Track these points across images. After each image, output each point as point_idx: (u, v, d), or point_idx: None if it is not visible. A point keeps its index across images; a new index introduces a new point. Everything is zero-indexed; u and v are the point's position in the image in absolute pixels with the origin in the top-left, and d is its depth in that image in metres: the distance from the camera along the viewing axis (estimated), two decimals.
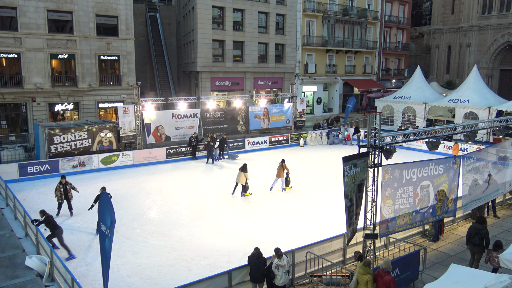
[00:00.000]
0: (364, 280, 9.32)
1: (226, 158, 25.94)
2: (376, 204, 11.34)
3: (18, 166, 20.54)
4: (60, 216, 15.34)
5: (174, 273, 11.52)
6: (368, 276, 9.30)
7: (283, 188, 19.40)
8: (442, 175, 12.48)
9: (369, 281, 9.29)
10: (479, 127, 14.19)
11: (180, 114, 26.46)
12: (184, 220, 15.70)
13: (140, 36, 40.98)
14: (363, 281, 9.33)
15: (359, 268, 9.47)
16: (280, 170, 18.90)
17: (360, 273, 9.39)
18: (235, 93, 36.61)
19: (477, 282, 7.50)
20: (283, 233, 14.38)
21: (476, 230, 11.43)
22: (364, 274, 9.34)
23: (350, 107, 36.19)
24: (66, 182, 15.23)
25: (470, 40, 49.85)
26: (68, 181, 15.39)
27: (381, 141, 11.00)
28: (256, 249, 10.07)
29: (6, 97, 26.86)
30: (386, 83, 50.19)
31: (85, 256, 12.54)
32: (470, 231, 11.57)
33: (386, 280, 9.15)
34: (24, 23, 26.73)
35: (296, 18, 40.34)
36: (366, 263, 9.47)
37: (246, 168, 18.25)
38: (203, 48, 35.11)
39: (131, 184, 20.18)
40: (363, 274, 9.35)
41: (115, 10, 29.83)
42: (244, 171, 18.15)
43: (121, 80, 30.87)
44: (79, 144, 22.68)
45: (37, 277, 10.56)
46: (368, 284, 9.29)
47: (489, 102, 29.41)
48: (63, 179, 15.22)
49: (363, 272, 9.36)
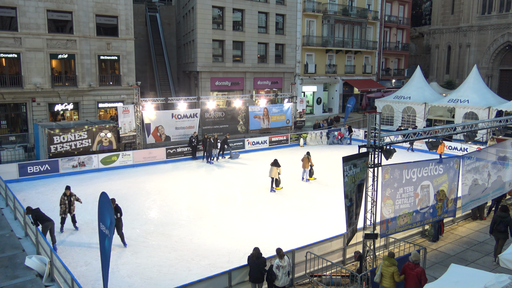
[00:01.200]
0: (390, 272, 9.29)
1: (228, 158, 25.98)
2: (376, 204, 11.33)
3: (18, 166, 20.54)
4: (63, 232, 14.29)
5: (174, 273, 11.52)
6: (394, 268, 9.31)
7: (307, 179, 20.79)
8: (442, 175, 12.48)
9: (395, 272, 9.29)
10: (479, 127, 14.19)
11: (180, 114, 26.46)
12: (184, 220, 15.70)
13: (140, 36, 40.99)
14: (389, 274, 9.30)
15: (384, 261, 9.46)
16: (306, 161, 20.44)
17: (386, 265, 9.36)
18: (235, 93, 36.61)
19: (477, 282, 7.49)
20: (283, 233, 14.38)
21: (501, 218, 12.29)
22: (390, 266, 9.33)
23: (350, 107, 36.20)
24: (70, 193, 14.23)
25: (470, 40, 49.85)
26: (72, 193, 14.38)
27: (381, 141, 11.00)
28: (255, 249, 10.06)
29: (6, 97, 26.85)
30: (386, 83, 50.19)
31: (84, 256, 12.54)
32: (495, 219, 12.45)
33: (417, 272, 9.21)
34: (24, 23, 26.73)
35: (296, 18, 40.33)
36: (391, 255, 9.52)
37: (278, 163, 18.97)
38: (203, 48, 35.11)
39: (131, 184, 20.17)
40: (388, 266, 9.34)
41: (115, 10, 29.83)
42: (276, 165, 18.86)
43: (121, 80, 30.87)
44: (79, 144, 22.68)
45: (37, 277, 10.55)
46: (394, 275, 9.28)
47: (489, 102, 29.41)
48: (67, 190, 14.17)
49: (388, 264, 9.35)
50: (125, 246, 13.07)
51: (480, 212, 16.03)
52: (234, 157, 26.13)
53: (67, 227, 14.41)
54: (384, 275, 9.37)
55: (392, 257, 9.47)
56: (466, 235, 14.46)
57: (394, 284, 9.41)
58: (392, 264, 9.35)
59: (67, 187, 14.36)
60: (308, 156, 20.48)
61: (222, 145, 25.60)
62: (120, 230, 13.07)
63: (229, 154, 26.14)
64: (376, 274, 9.58)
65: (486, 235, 14.50)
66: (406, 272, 9.34)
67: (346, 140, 31.09)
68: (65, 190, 14.26)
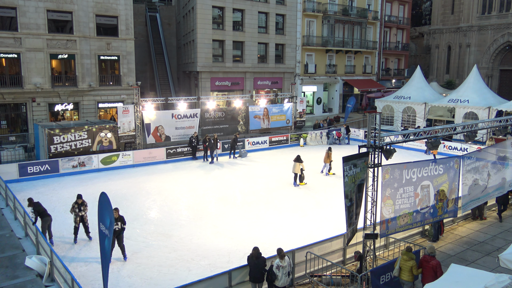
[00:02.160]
0: (409, 267, 9.66)
1: (237, 157, 26.41)
2: (376, 204, 11.33)
3: (18, 166, 20.53)
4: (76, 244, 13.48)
5: (174, 273, 11.52)
6: (412, 262, 9.66)
7: (327, 173, 21.90)
8: (442, 175, 12.48)
9: (413, 266, 9.65)
10: (479, 127, 14.19)
11: (180, 114, 26.46)
12: (184, 220, 15.69)
13: (140, 36, 40.98)
14: (407, 268, 9.67)
15: (403, 256, 9.82)
16: (326, 156, 21.65)
17: (404, 259, 9.72)
18: (235, 93, 36.61)
19: (477, 282, 7.49)
20: (283, 233, 14.37)
21: None
22: (408, 261, 9.67)
23: (350, 107, 36.20)
24: (82, 202, 13.40)
25: (470, 40, 49.84)
26: (84, 201, 13.51)
27: (381, 141, 11.00)
28: (255, 249, 10.06)
29: (6, 97, 26.85)
30: (386, 83, 50.19)
31: (85, 256, 12.54)
32: None
33: (433, 265, 9.54)
34: (24, 23, 26.73)
35: (296, 18, 40.33)
36: (409, 249, 9.88)
37: (301, 159, 19.55)
38: (203, 48, 35.11)
39: (131, 184, 20.17)
40: (407, 261, 9.68)
41: (115, 10, 29.83)
42: (298, 161, 19.42)
43: (121, 80, 30.87)
44: (79, 144, 22.67)
45: (37, 277, 10.56)
46: (413, 269, 9.65)
47: (489, 102, 29.41)
48: (79, 199, 13.36)
49: (407, 259, 9.69)
50: (125, 259, 12.19)
51: (480, 212, 16.03)
52: (243, 155, 26.64)
53: (68, 227, 14.37)
54: (403, 269, 9.80)
55: (410, 251, 9.88)
56: (466, 235, 14.46)
57: (412, 277, 9.83)
58: (410, 258, 9.76)
59: (78, 195, 13.47)
60: (329, 152, 21.67)
61: (233, 144, 26.14)
62: (121, 242, 12.17)
63: (239, 153, 26.58)
64: (395, 268, 9.98)
65: (486, 235, 14.52)
66: (423, 265, 9.72)
67: (344, 140, 31.08)
68: (77, 198, 13.39)
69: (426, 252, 9.82)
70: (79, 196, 13.45)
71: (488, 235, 14.51)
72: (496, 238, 14.21)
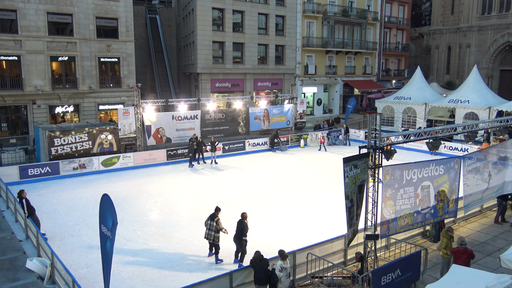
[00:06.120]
0: (444, 243, 11.40)
1: (279, 151, 28.38)
2: (377, 205, 11.33)
3: (19, 168, 20.55)
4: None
5: (175, 275, 11.52)
6: (445, 240, 11.36)
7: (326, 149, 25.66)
8: (443, 176, 12.47)
9: (448, 246, 11.26)
10: (479, 128, 14.19)
11: (180, 116, 26.48)
12: (185, 222, 15.69)
13: (140, 38, 41.02)
14: (443, 244, 11.42)
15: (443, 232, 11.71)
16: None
17: (442, 235, 11.65)
18: (235, 94, 36.63)
19: (478, 282, 7.49)
20: (283, 234, 14.37)
21: None
22: (443, 237, 11.50)
23: (350, 108, 36.22)
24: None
25: (470, 41, 49.85)
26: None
27: (381, 142, 11.00)
28: (256, 252, 10.09)
29: (6, 100, 26.87)
30: (386, 84, 50.19)
31: (86, 258, 12.54)
32: None
33: (468, 254, 10.50)
34: (24, 26, 26.76)
35: (296, 19, 40.36)
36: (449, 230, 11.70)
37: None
38: (203, 50, 35.13)
39: (131, 186, 20.18)
40: (443, 237, 11.51)
41: (115, 12, 29.86)
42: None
43: (121, 82, 30.90)
44: (79, 146, 22.69)
45: (38, 280, 10.56)
46: (447, 248, 11.28)
47: (489, 102, 29.41)
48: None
49: (443, 235, 11.56)
50: None
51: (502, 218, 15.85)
52: (284, 150, 28.62)
53: (67, 229, 14.34)
54: (442, 245, 11.44)
55: (448, 231, 11.50)
56: (467, 236, 14.44)
57: (445, 255, 11.34)
58: (443, 237, 11.38)
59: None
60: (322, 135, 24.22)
61: (272, 140, 28.21)
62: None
63: (279, 148, 28.43)
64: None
65: (487, 235, 14.51)
66: (457, 256, 10.61)
67: (342, 141, 31.05)
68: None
69: (457, 243, 10.67)
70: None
71: (489, 235, 14.51)
72: (497, 239, 14.20)
